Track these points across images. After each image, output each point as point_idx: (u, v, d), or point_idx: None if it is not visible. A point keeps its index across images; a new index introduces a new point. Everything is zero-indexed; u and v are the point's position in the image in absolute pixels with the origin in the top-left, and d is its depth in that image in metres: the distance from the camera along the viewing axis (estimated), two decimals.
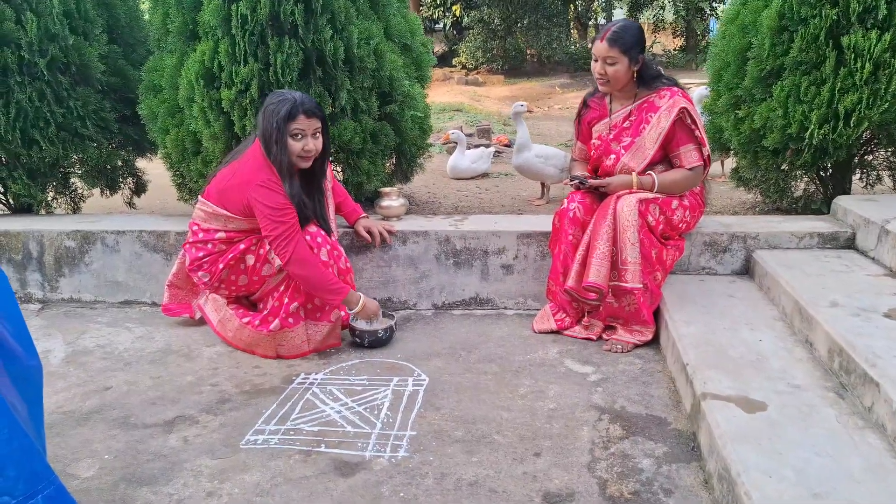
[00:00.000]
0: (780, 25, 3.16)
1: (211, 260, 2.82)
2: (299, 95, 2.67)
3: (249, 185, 2.66)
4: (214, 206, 2.78)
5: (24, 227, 3.44)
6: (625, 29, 2.80)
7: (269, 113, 2.65)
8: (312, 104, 2.69)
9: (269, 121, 2.64)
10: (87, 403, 2.49)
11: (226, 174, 2.78)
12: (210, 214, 2.80)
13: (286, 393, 2.53)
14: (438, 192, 4.76)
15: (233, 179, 2.72)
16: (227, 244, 2.82)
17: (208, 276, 2.84)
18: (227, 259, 2.80)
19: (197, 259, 2.83)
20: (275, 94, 2.71)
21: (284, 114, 2.62)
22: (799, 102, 3.15)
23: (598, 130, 3.06)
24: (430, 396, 2.47)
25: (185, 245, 2.90)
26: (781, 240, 3.06)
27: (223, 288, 2.87)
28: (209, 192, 2.82)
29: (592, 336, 2.89)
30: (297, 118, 2.64)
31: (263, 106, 2.71)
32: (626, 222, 2.71)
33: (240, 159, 2.77)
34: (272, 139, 2.64)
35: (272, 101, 2.67)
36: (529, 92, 14.31)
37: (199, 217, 2.85)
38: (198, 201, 2.88)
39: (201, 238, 2.83)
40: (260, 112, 2.72)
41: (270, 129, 2.64)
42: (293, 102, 2.63)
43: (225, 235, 2.81)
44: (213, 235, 2.81)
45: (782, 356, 2.33)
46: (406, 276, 3.25)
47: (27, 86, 3.38)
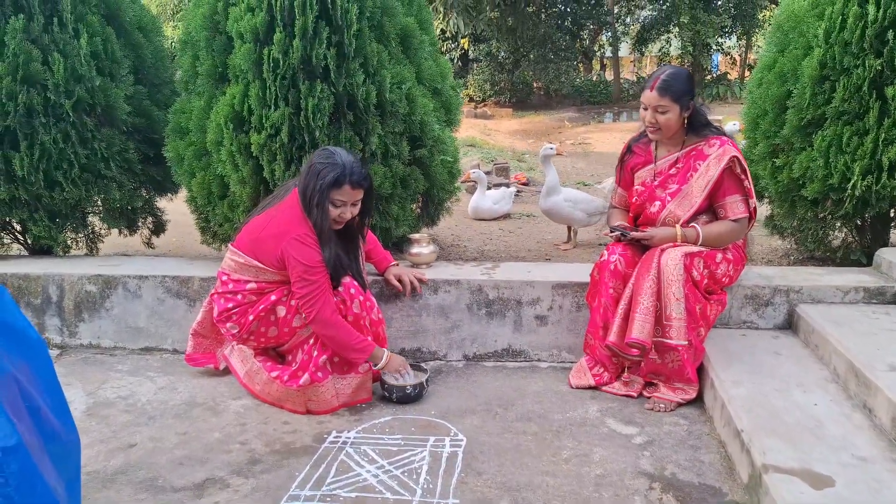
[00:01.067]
0: (822, 75, 3.11)
1: (240, 311, 2.74)
2: (349, 162, 2.59)
3: (284, 238, 2.58)
4: (247, 257, 2.70)
5: (44, 270, 3.36)
6: (675, 77, 2.75)
7: (315, 173, 2.58)
8: (361, 175, 2.61)
9: (313, 181, 2.57)
10: (111, 462, 2.38)
11: (260, 223, 2.70)
12: (241, 265, 2.72)
13: (319, 453, 2.43)
14: (462, 235, 4.68)
15: (267, 230, 2.65)
16: (257, 295, 2.73)
17: (237, 327, 2.75)
18: (257, 310, 2.71)
19: (226, 310, 2.75)
20: (325, 153, 2.63)
21: (330, 181, 2.55)
22: (841, 153, 3.08)
23: (642, 177, 2.99)
24: (470, 459, 2.37)
25: (213, 295, 2.81)
26: (826, 294, 2.98)
27: (252, 339, 2.78)
28: (241, 242, 2.75)
29: (633, 393, 2.80)
30: (343, 188, 2.58)
31: (310, 161, 2.63)
32: (671, 276, 2.63)
33: (276, 208, 2.70)
34: (313, 201, 2.57)
35: (321, 160, 2.60)
36: (539, 126, 14.34)
37: (229, 267, 2.77)
38: (228, 250, 2.79)
39: (231, 289, 2.74)
40: (306, 165, 2.65)
41: (312, 191, 2.57)
42: (342, 170, 2.56)
43: (256, 286, 2.72)
44: (243, 286, 2.73)
45: (841, 422, 2.23)
46: (437, 326, 3.16)
47: (52, 127, 3.32)
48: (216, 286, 2.83)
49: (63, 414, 1.51)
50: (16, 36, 3.24)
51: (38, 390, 1.44)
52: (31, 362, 1.47)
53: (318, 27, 3.07)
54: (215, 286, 2.84)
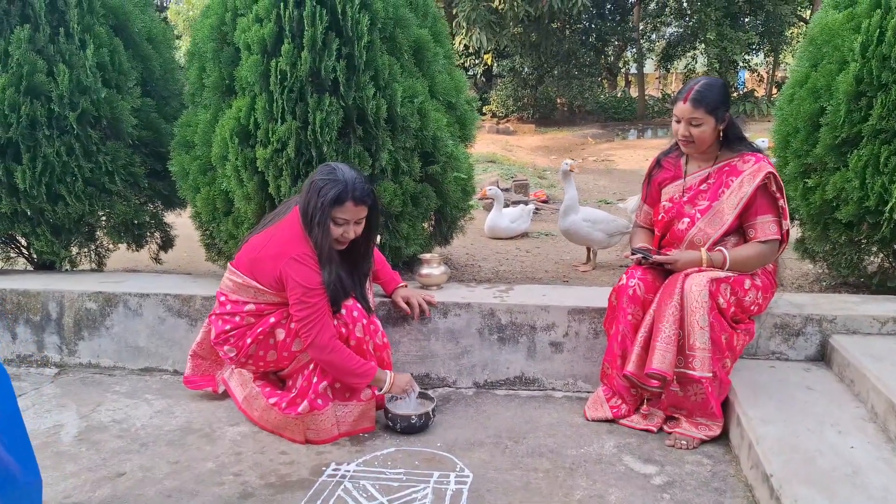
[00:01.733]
0: (858, 90, 2.93)
1: (238, 334, 2.61)
2: (351, 178, 2.46)
3: (283, 258, 2.46)
4: (245, 277, 2.58)
5: (44, 286, 3.26)
6: (709, 87, 2.59)
7: (316, 190, 2.44)
8: (364, 191, 2.48)
9: (314, 199, 2.44)
10: (97, 493, 2.25)
11: (259, 242, 2.58)
12: (240, 286, 2.60)
13: (315, 488, 2.28)
14: (477, 254, 4.53)
15: (266, 249, 2.53)
16: (256, 317, 2.61)
17: (235, 350, 2.62)
18: (255, 333, 2.58)
19: (223, 332, 2.62)
20: (326, 169, 2.50)
21: (332, 198, 2.42)
22: (878, 173, 2.90)
23: (670, 192, 2.82)
24: (476, 498, 2.21)
25: (211, 317, 2.69)
26: (861, 324, 2.78)
27: (250, 364, 2.66)
28: (240, 261, 2.63)
29: (652, 427, 2.62)
30: (345, 205, 2.44)
31: (312, 178, 2.50)
32: (695, 304, 2.46)
33: (276, 226, 2.57)
34: (314, 220, 2.44)
35: (322, 176, 2.47)
36: (561, 142, 14.18)
37: (227, 287, 2.65)
38: (227, 269, 2.67)
39: (229, 310, 2.62)
40: (307, 182, 2.51)
41: (314, 209, 2.44)
42: (343, 187, 2.43)
43: (255, 308, 2.60)
44: (241, 308, 2.61)
45: (881, 469, 2.03)
46: (446, 352, 3.01)
47: (55, 140, 3.24)
48: (214, 307, 2.71)
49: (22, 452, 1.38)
50: (21, 46, 3.18)
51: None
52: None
53: (328, 39, 2.96)
54: (213, 307, 2.72)
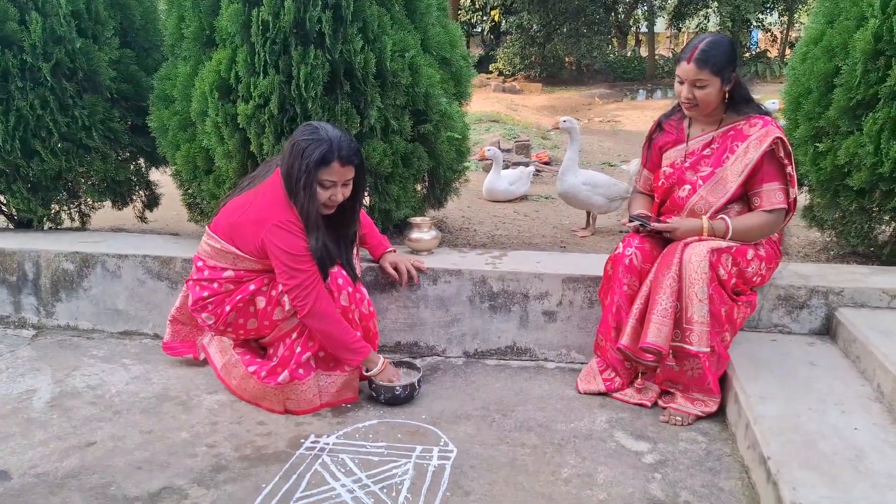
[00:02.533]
0: (876, 49, 2.75)
1: (217, 301, 2.49)
2: (336, 136, 2.31)
3: (265, 225, 2.32)
4: (223, 243, 2.45)
5: (20, 245, 3.15)
6: (715, 46, 2.40)
7: (299, 152, 2.28)
8: (351, 150, 2.33)
9: (297, 161, 2.28)
10: (65, 464, 2.16)
11: (239, 206, 2.44)
12: (218, 251, 2.47)
13: (292, 461, 2.18)
14: (473, 217, 4.39)
15: (246, 215, 2.39)
16: (235, 284, 2.48)
17: (213, 318, 2.51)
18: (234, 301, 2.47)
19: (201, 299, 2.50)
20: (308, 129, 2.34)
21: (317, 159, 2.27)
22: (894, 138, 2.73)
23: (671, 157, 2.66)
24: (458, 475, 2.11)
25: (188, 282, 2.57)
26: (870, 297, 2.65)
27: (230, 331, 2.54)
28: (218, 224, 2.49)
29: (646, 402, 2.51)
30: (331, 165, 2.29)
31: (293, 139, 2.34)
32: (694, 275, 2.33)
33: (257, 189, 2.43)
34: (299, 183, 2.29)
35: (304, 136, 2.31)
36: (568, 102, 13.91)
37: (204, 252, 2.52)
38: (205, 233, 2.54)
39: (206, 276, 2.50)
40: (288, 144, 2.35)
41: (298, 172, 2.28)
42: (329, 146, 2.28)
43: (234, 274, 2.47)
44: (219, 274, 2.48)
45: (886, 453, 1.92)
46: (435, 320, 2.89)
47: (29, 92, 3.09)
48: (192, 272, 2.58)
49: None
50: None
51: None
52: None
53: None
54: (191, 272, 2.60)
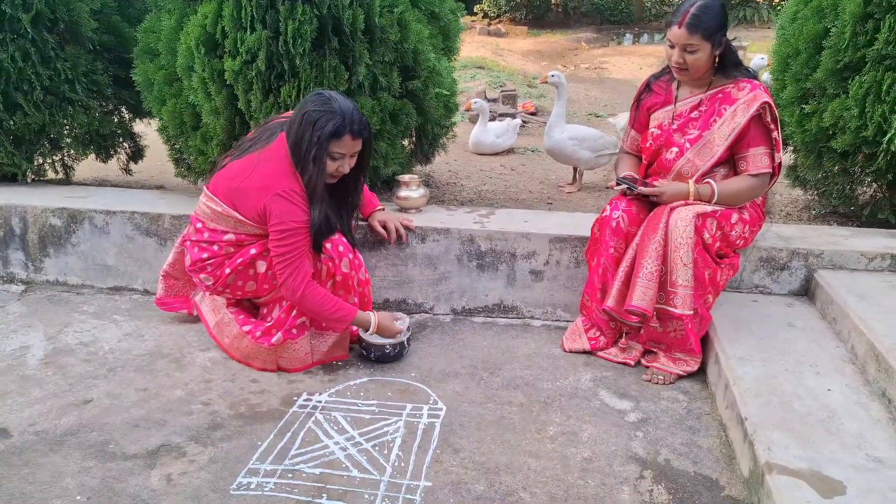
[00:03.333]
0: (866, 12, 2.75)
1: (216, 263, 2.50)
2: (349, 109, 2.29)
3: (268, 192, 2.32)
4: (224, 206, 2.43)
5: (5, 200, 3.12)
6: (706, 10, 2.39)
7: (310, 122, 2.27)
8: (362, 124, 2.33)
9: (308, 131, 2.27)
10: (62, 421, 2.21)
11: (240, 171, 2.41)
12: (219, 214, 2.46)
13: (286, 419, 2.24)
14: (460, 171, 4.39)
15: (249, 181, 2.37)
16: (235, 247, 2.48)
17: (212, 279, 2.52)
18: (234, 264, 2.47)
19: (200, 260, 2.50)
20: (320, 99, 2.31)
21: (330, 131, 2.26)
22: (879, 101, 2.76)
23: (659, 119, 2.68)
24: (448, 433, 2.18)
25: (186, 242, 2.56)
26: (848, 259, 2.72)
27: (227, 292, 2.56)
28: (217, 187, 2.47)
29: (630, 361, 2.59)
30: (343, 138, 2.29)
31: (302, 107, 2.31)
32: (679, 239, 2.37)
33: (259, 154, 2.40)
34: (308, 155, 2.28)
35: (316, 107, 2.28)
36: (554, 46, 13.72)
37: (204, 214, 2.51)
38: (203, 194, 2.52)
39: (206, 238, 2.49)
40: (298, 113, 2.32)
41: (308, 144, 2.27)
42: (342, 120, 2.27)
43: (234, 238, 2.47)
44: (220, 237, 2.48)
45: (857, 415, 2.01)
46: (423, 277, 2.93)
47: (9, 44, 3.02)
48: (189, 231, 2.58)
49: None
50: None
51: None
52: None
53: None
54: (187, 231, 2.59)
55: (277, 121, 2.53)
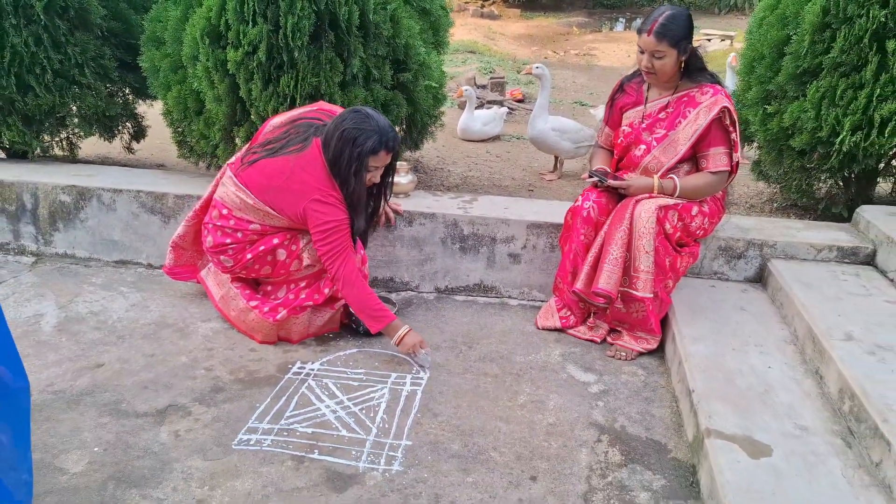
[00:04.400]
0: (824, 22, 2.98)
1: (238, 248, 2.69)
2: (384, 124, 2.48)
3: (307, 197, 2.51)
4: (258, 201, 2.60)
5: (17, 177, 3.32)
6: (672, 19, 2.61)
7: (350, 140, 2.45)
8: (396, 139, 2.52)
9: (348, 149, 2.45)
10: (78, 382, 2.43)
11: (277, 172, 2.56)
12: (250, 206, 2.62)
13: (281, 384, 2.48)
14: (448, 157, 4.61)
15: (289, 183, 2.54)
16: (259, 235, 2.68)
17: (232, 262, 2.71)
18: (256, 250, 2.67)
19: (223, 244, 2.69)
20: (358, 116, 2.48)
21: (370, 148, 2.45)
22: (833, 106, 3.00)
23: (630, 118, 2.91)
24: (428, 399, 2.43)
25: (209, 225, 2.73)
26: (799, 250, 2.97)
27: (242, 273, 2.76)
28: (250, 181, 2.61)
29: (596, 338, 2.83)
30: (379, 154, 2.49)
31: (341, 124, 2.48)
32: (642, 229, 2.61)
33: (296, 159, 2.55)
34: (350, 170, 2.47)
35: (356, 125, 2.46)
36: (546, 31, 13.88)
37: (232, 203, 2.66)
38: (232, 183, 2.66)
39: (232, 225, 2.67)
40: (337, 128, 2.48)
41: (349, 159, 2.46)
42: (379, 138, 2.46)
43: (260, 228, 2.66)
44: (246, 226, 2.66)
45: (791, 389, 2.27)
46: (410, 258, 3.17)
47: (23, 29, 3.20)
48: (212, 216, 2.73)
49: (11, 360, 1.52)
50: None
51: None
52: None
53: None
54: (210, 215, 2.74)
55: (306, 120, 2.66)
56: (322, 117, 2.66)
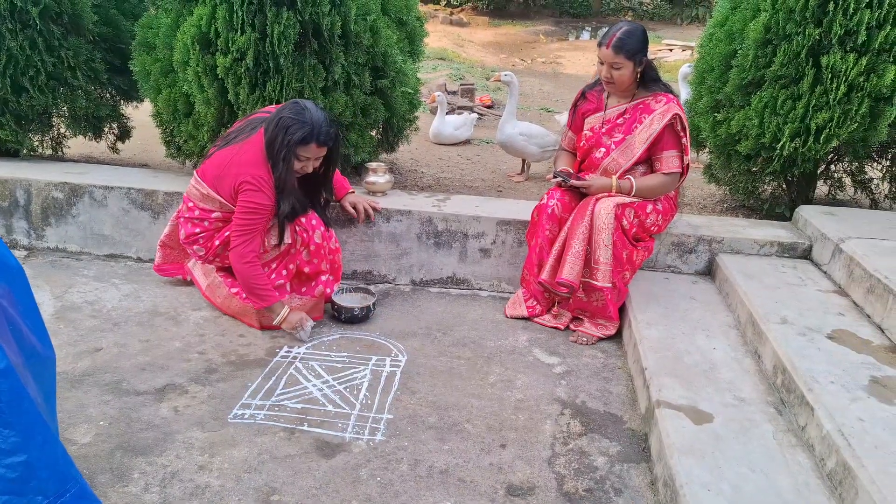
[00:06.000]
0: (765, 38, 3.28)
1: (206, 236, 2.90)
2: (319, 120, 2.68)
3: (240, 178, 2.72)
4: (209, 189, 2.83)
5: (10, 174, 3.47)
6: (629, 34, 2.89)
7: (284, 128, 2.66)
8: (328, 135, 2.72)
9: (281, 136, 2.67)
10: (79, 365, 2.61)
11: (224, 159, 2.80)
12: (205, 196, 2.86)
13: (270, 366, 2.68)
14: (421, 160, 4.84)
15: (229, 168, 2.76)
16: (223, 222, 2.89)
17: (204, 250, 2.92)
18: (223, 236, 2.88)
19: (193, 234, 2.91)
20: (296, 108, 2.69)
21: (298, 139, 2.66)
22: (774, 114, 3.30)
23: (591, 123, 3.17)
24: (406, 379, 2.65)
25: (180, 219, 2.96)
26: (744, 245, 3.26)
27: (217, 261, 2.97)
28: (206, 172, 2.86)
29: (560, 325, 3.08)
30: (309, 146, 2.69)
31: (280, 113, 2.70)
32: (601, 225, 2.87)
33: (240, 145, 2.80)
34: (279, 155, 2.68)
35: (292, 115, 2.67)
36: (514, 38, 14.20)
37: (193, 195, 2.90)
38: (193, 177, 2.92)
39: (197, 216, 2.89)
40: (275, 116, 2.70)
41: (280, 145, 2.67)
42: (310, 130, 2.66)
43: (220, 215, 2.87)
44: (209, 215, 2.88)
45: (732, 367, 2.54)
46: (388, 252, 3.39)
47: (19, 34, 3.36)
48: (182, 209, 2.97)
49: (40, 332, 1.71)
50: None
51: (19, 312, 1.64)
52: (13, 286, 1.66)
53: None
54: (180, 209, 2.99)
55: (259, 115, 2.91)
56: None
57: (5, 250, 1.69)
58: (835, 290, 2.91)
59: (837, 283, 2.96)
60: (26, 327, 1.64)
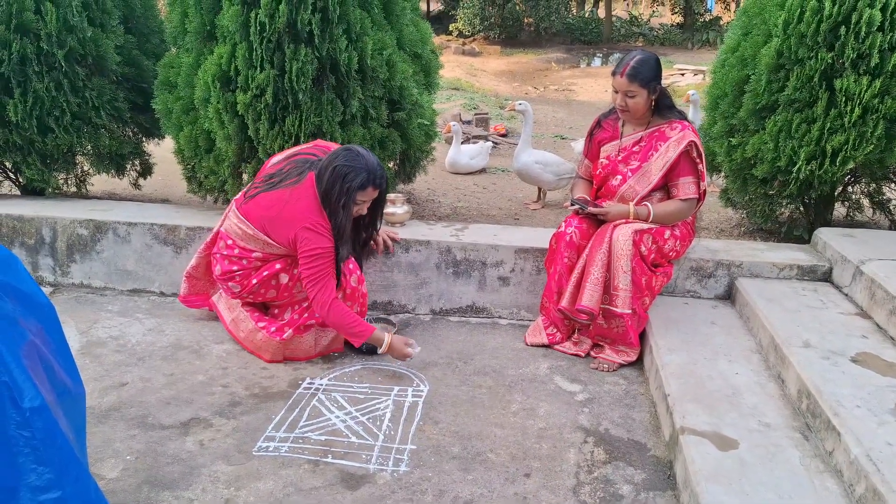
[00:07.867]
0: (778, 63, 3.30)
1: (244, 274, 2.92)
2: (373, 163, 2.72)
3: (297, 225, 2.73)
4: (256, 231, 2.83)
5: (36, 212, 3.54)
6: (642, 63, 2.93)
7: (341, 176, 2.68)
8: (383, 177, 2.76)
9: (339, 184, 2.68)
10: (105, 400, 2.64)
11: (273, 203, 2.80)
12: (249, 236, 2.86)
13: (293, 398, 2.70)
14: (438, 189, 4.89)
15: (283, 214, 2.76)
16: (262, 262, 2.90)
17: (239, 287, 2.94)
18: (261, 276, 2.90)
19: (230, 272, 2.92)
20: (350, 154, 2.72)
21: (359, 184, 2.69)
22: (790, 138, 3.31)
23: (608, 151, 3.20)
24: (429, 409, 2.66)
25: (216, 255, 2.97)
26: (763, 269, 3.25)
27: (249, 297, 2.99)
28: (251, 213, 2.85)
29: (581, 353, 3.08)
30: (367, 190, 2.73)
31: (333, 161, 2.71)
32: (620, 251, 2.88)
33: (291, 191, 2.78)
34: (338, 203, 2.70)
35: (347, 162, 2.69)
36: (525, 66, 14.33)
37: (235, 234, 2.90)
38: (234, 215, 2.90)
39: (237, 254, 2.90)
40: (329, 165, 2.71)
41: (338, 193, 2.69)
42: (368, 175, 2.69)
43: (261, 255, 2.89)
44: (249, 254, 2.89)
45: (756, 392, 2.53)
46: (407, 282, 3.41)
47: (45, 76, 3.46)
48: (220, 246, 2.96)
49: (71, 369, 1.74)
50: None
51: (51, 350, 1.68)
52: (45, 325, 1.70)
53: None
54: (217, 245, 2.99)
55: (302, 156, 2.90)
56: (318, 153, 2.90)
57: (36, 288, 1.73)
58: (857, 313, 2.90)
59: (859, 305, 2.95)
60: (58, 364, 1.67)
